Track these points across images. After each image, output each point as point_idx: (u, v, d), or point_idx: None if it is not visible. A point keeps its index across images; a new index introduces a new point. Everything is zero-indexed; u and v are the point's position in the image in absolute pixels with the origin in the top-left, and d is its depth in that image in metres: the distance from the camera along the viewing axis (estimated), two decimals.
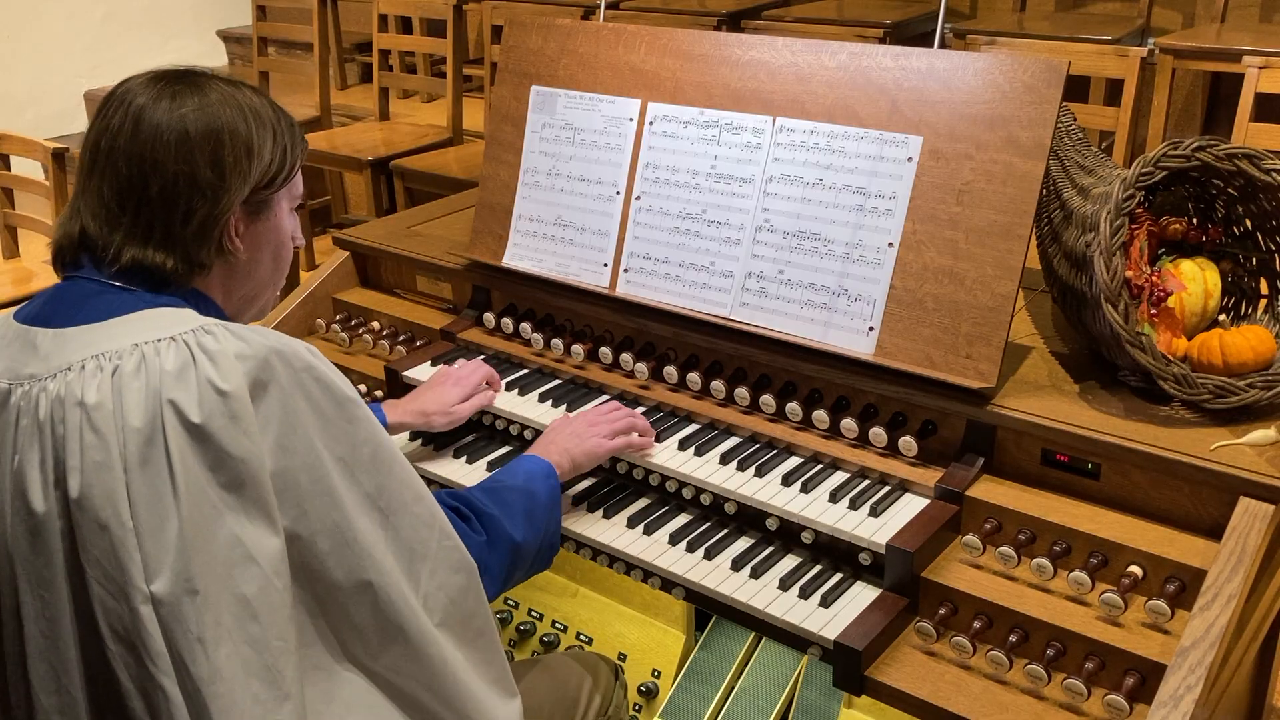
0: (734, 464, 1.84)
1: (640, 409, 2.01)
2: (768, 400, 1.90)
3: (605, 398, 2.05)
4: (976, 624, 1.57)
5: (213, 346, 1.21)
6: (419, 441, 2.08)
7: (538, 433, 2.02)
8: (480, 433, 2.13)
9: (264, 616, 1.19)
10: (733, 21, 4.37)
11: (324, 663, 1.27)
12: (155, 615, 1.16)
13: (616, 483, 1.95)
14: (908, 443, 1.76)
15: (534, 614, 2.46)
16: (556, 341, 2.15)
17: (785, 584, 1.69)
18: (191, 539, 1.16)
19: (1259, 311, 1.80)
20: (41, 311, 1.31)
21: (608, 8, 4.53)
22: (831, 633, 1.58)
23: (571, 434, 1.81)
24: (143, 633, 1.17)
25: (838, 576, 1.70)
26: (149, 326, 1.25)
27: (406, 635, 1.30)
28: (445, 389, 2.00)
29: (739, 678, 2.25)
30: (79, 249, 1.33)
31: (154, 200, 1.30)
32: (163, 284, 1.33)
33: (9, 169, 3.86)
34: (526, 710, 1.47)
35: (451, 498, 1.55)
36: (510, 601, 2.51)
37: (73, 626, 1.22)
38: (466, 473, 2.00)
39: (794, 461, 1.85)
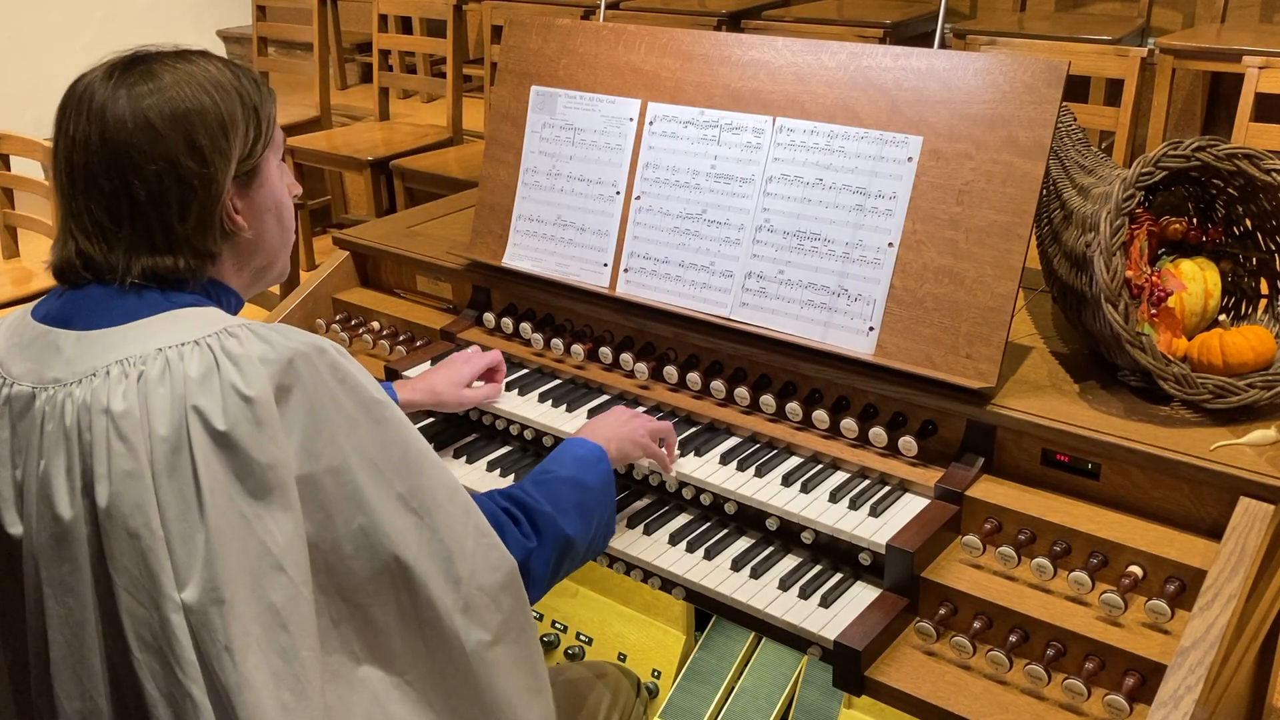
0: (734, 464, 1.84)
1: (640, 409, 2.01)
2: (768, 400, 1.90)
3: (605, 398, 2.05)
4: (976, 624, 1.57)
5: (236, 350, 1.19)
6: None
7: (538, 433, 2.03)
8: (480, 433, 2.13)
9: (293, 625, 1.18)
10: (733, 21, 4.37)
11: (344, 671, 1.25)
12: (185, 623, 1.15)
13: (617, 484, 1.95)
14: (908, 443, 1.76)
15: (534, 614, 2.46)
16: (556, 341, 2.15)
17: (785, 584, 1.69)
18: (218, 548, 1.15)
19: (1259, 311, 1.80)
20: (62, 311, 1.28)
21: (608, 8, 4.53)
22: (831, 633, 1.58)
23: (616, 421, 1.76)
24: (173, 641, 1.15)
25: (838, 576, 1.70)
26: (172, 330, 1.22)
27: (433, 635, 1.28)
28: (456, 367, 2.01)
29: (739, 678, 2.25)
30: (82, 271, 1.29)
31: (144, 206, 1.25)
32: (179, 283, 1.29)
33: (9, 169, 3.86)
34: None
35: (502, 497, 1.50)
36: None
37: (98, 633, 1.21)
38: (466, 472, 2.00)
39: (794, 461, 1.85)
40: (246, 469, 1.16)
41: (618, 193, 2.12)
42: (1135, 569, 1.55)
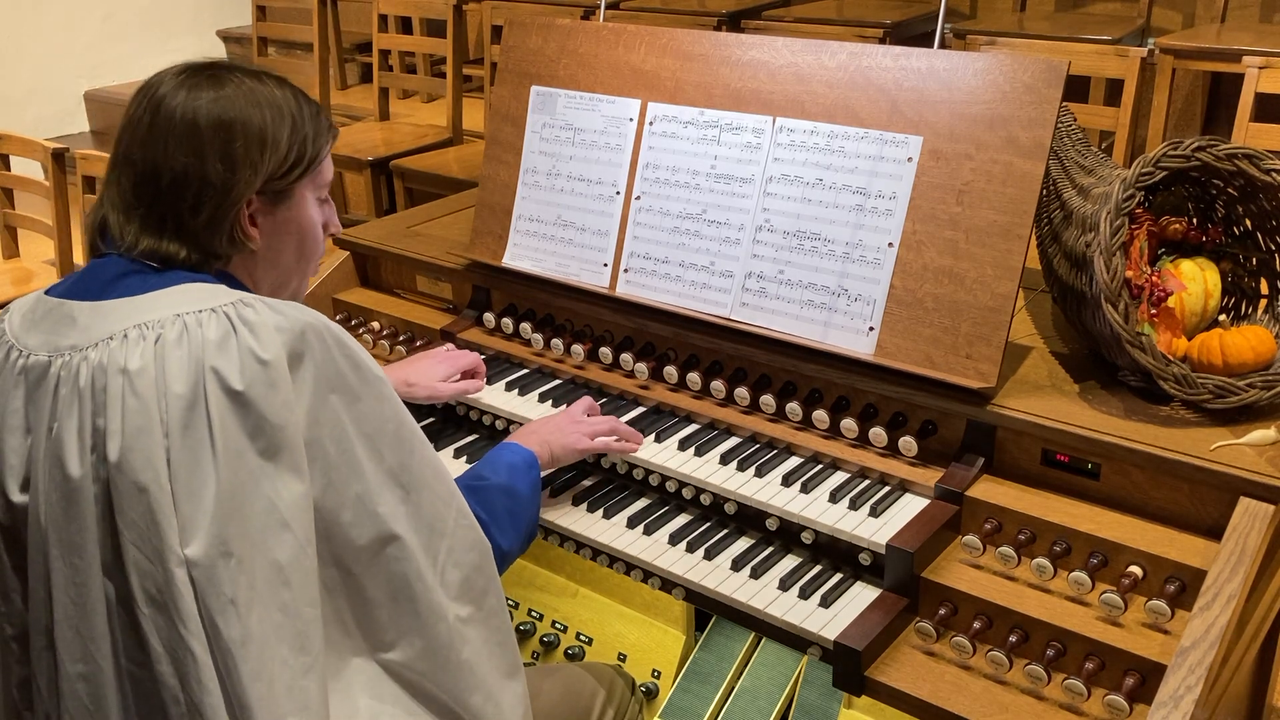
0: (734, 464, 1.84)
1: (640, 409, 2.01)
2: (768, 400, 1.90)
3: (605, 398, 2.05)
4: (976, 624, 1.57)
5: (252, 318, 1.24)
6: None
7: None
8: (480, 432, 2.13)
9: (295, 583, 1.22)
10: (733, 21, 4.37)
11: (334, 638, 1.29)
12: (189, 578, 1.18)
13: (616, 483, 1.95)
14: (908, 443, 1.76)
15: (534, 614, 2.46)
16: (556, 341, 2.15)
17: (785, 584, 1.69)
18: (228, 503, 1.19)
19: (1259, 311, 1.80)
20: (75, 287, 1.34)
21: (608, 8, 4.53)
22: (831, 633, 1.58)
23: (554, 428, 1.82)
24: (176, 595, 1.18)
25: (838, 576, 1.70)
26: (188, 299, 1.27)
27: (418, 609, 1.32)
28: (432, 363, 2.04)
29: (739, 678, 2.25)
30: (103, 237, 1.36)
31: (164, 191, 1.32)
32: (188, 269, 1.34)
33: (9, 169, 3.86)
34: (537, 717, 1.48)
35: None
36: (510, 602, 2.51)
37: (102, 593, 1.23)
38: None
39: (794, 461, 1.85)
40: (259, 428, 1.20)
41: (618, 193, 2.12)
42: (1135, 569, 1.55)
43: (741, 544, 1.80)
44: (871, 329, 1.83)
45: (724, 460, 1.85)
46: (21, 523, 1.29)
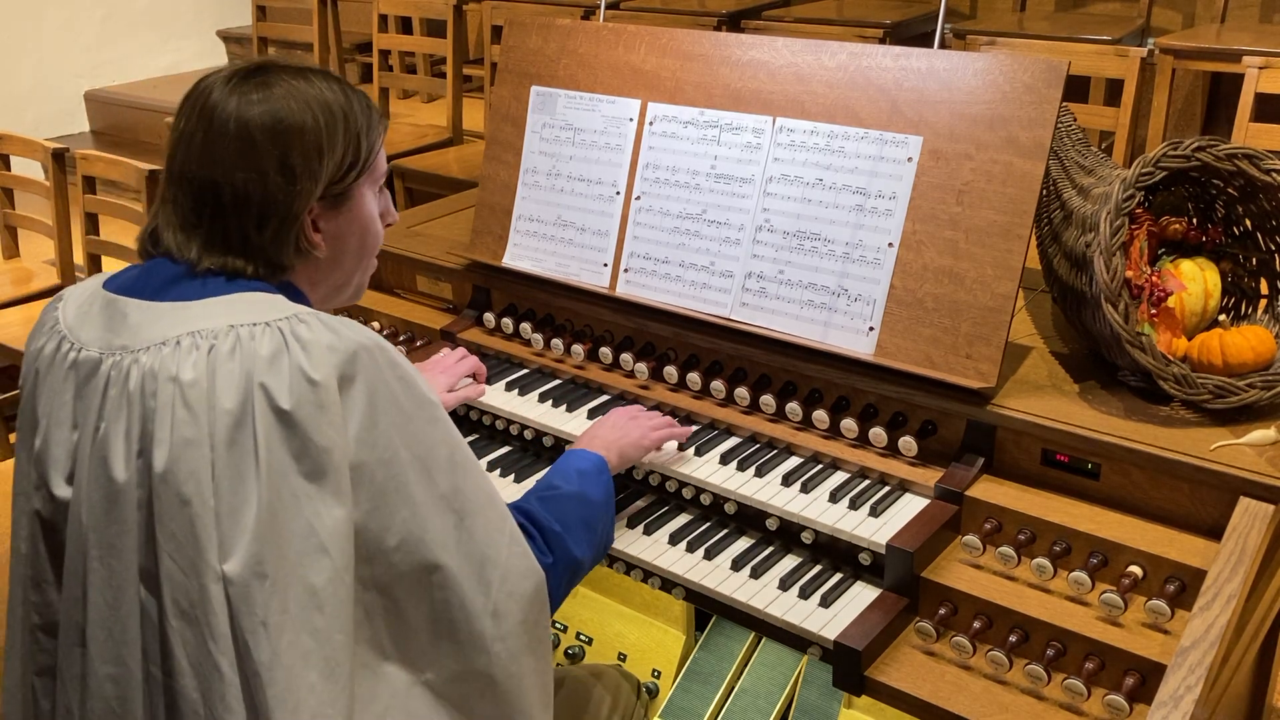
0: (734, 464, 1.84)
1: (639, 407, 2.01)
2: (768, 400, 1.90)
3: (605, 398, 2.06)
4: (976, 624, 1.57)
5: (306, 335, 1.22)
6: None
7: (538, 433, 2.03)
8: (480, 433, 2.13)
9: (329, 609, 1.20)
10: (733, 21, 4.36)
11: (370, 662, 1.27)
12: (224, 595, 1.17)
13: (616, 483, 1.95)
14: (908, 443, 1.76)
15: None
16: (556, 341, 2.15)
17: (785, 584, 1.69)
18: (268, 523, 1.17)
19: (1259, 311, 1.80)
20: (133, 283, 1.32)
21: (608, 8, 4.53)
22: (831, 633, 1.58)
23: (616, 428, 1.77)
24: (208, 611, 1.18)
25: (838, 576, 1.70)
26: (244, 309, 1.25)
27: (459, 638, 1.29)
28: (433, 375, 2.02)
29: (739, 678, 2.25)
30: (155, 247, 1.34)
31: (226, 208, 1.28)
32: (249, 280, 1.32)
33: (9, 169, 3.86)
34: None
35: (515, 511, 1.48)
36: None
37: (137, 598, 1.23)
38: None
39: (794, 461, 1.85)
40: (304, 450, 1.19)
41: (618, 193, 2.12)
42: (1135, 569, 1.55)
43: (741, 544, 1.80)
44: (871, 329, 1.83)
45: (724, 460, 1.85)
46: (62, 517, 1.28)
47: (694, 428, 1.95)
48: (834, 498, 1.75)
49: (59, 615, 1.31)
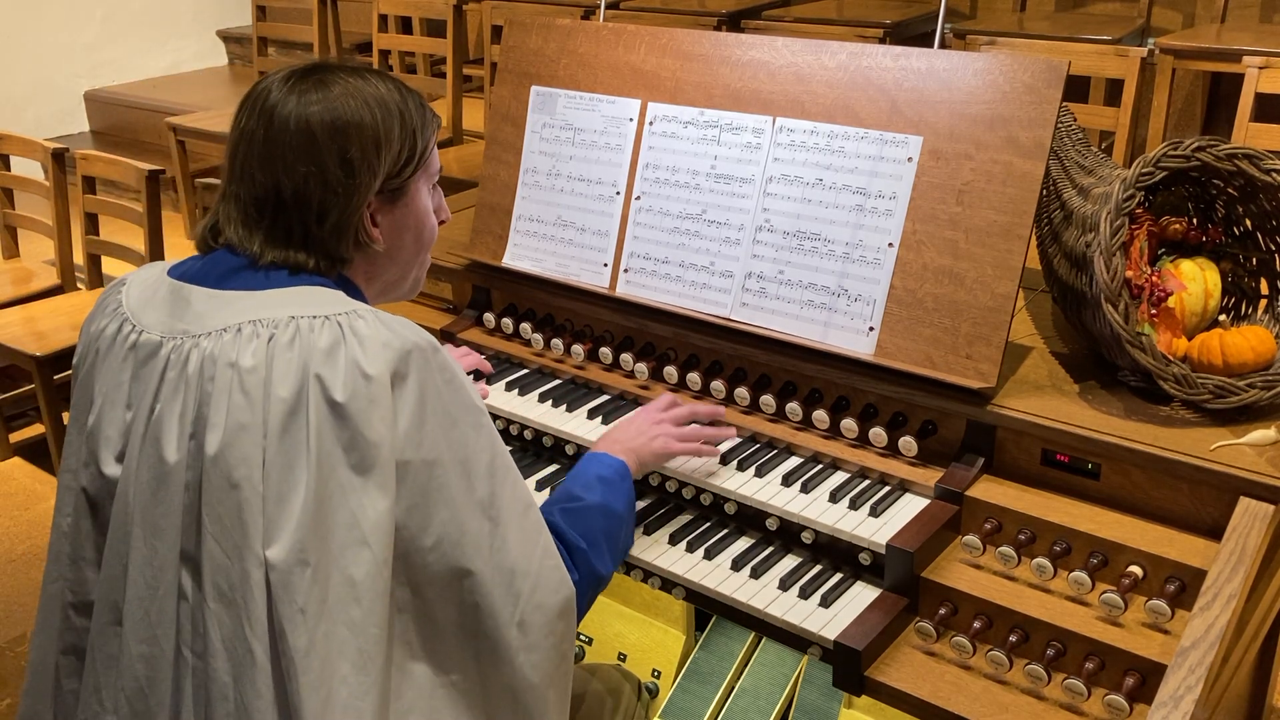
0: (734, 464, 1.84)
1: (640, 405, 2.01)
2: (768, 400, 1.90)
3: (605, 398, 2.06)
4: (976, 624, 1.58)
5: (363, 330, 1.24)
6: None
7: (538, 433, 2.03)
8: None
9: (366, 602, 1.21)
10: (733, 21, 4.37)
11: (398, 659, 1.28)
12: (265, 580, 1.19)
13: None
14: (908, 443, 1.76)
15: None
16: (556, 341, 2.15)
17: (785, 584, 1.69)
18: (314, 512, 1.19)
19: (1259, 311, 1.80)
20: (198, 271, 1.34)
21: (608, 8, 4.53)
22: (831, 633, 1.58)
23: (638, 433, 1.74)
24: (248, 595, 1.19)
25: (838, 576, 1.70)
26: (305, 302, 1.27)
27: (483, 644, 1.30)
28: None
29: (739, 678, 2.25)
30: (212, 242, 1.37)
31: (288, 204, 1.31)
32: (315, 274, 1.35)
33: (9, 169, 3.86)
34: None
35: None
36: None
37: (176, 579, 1.24)
38: None
39: (794, 461, 1.85)
40: (354, 442, 1.21)
41: (618, 193, 2.12)
42: (1135, 569, 1.55)
43: (741, 544, 1.80)
44: (871, 329, 1.83)
45: (724, 460, 1.85)
46: (108, 495, 1.30)
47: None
48: (834, 498, 1.75)
49: (93, 593, 1.33)
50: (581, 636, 2.40)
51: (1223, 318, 1.83)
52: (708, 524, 1.85)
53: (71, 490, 1.36)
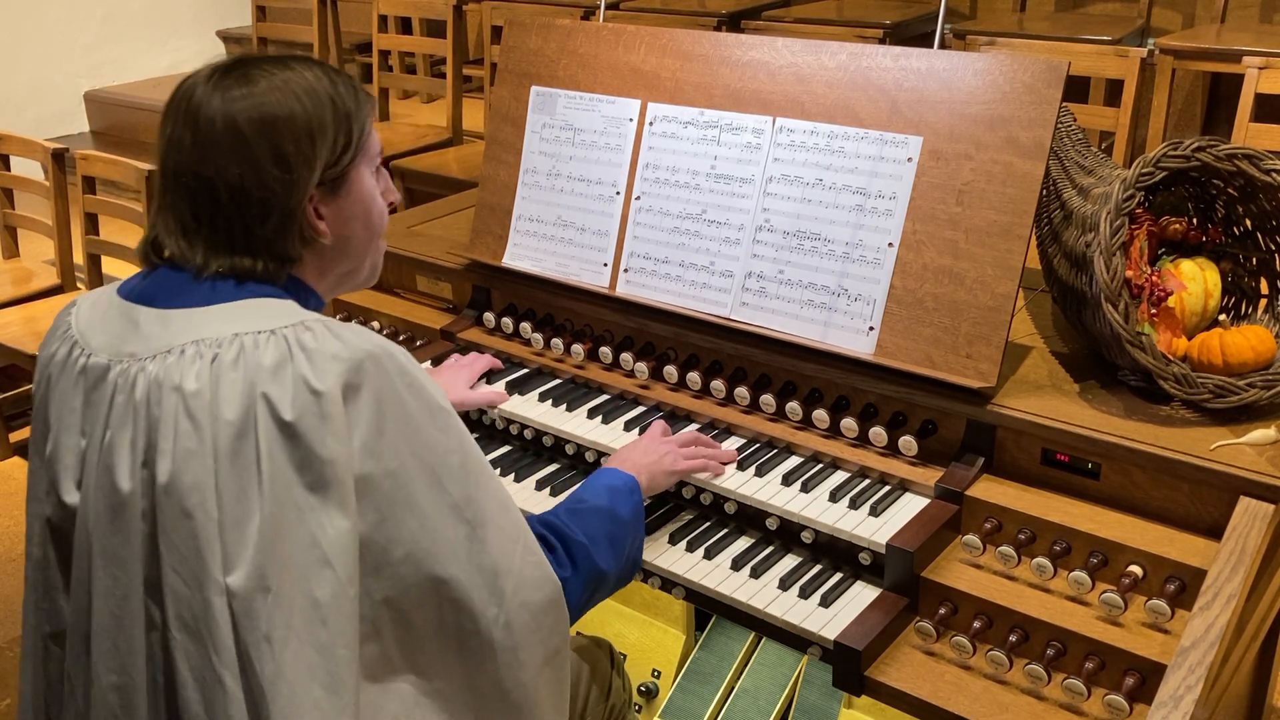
0: (734, 463, 1.83)
1: (640, 409, 2.01)
2: (768, 400, 1.90)
3: (605, 397, 2.06)
4: (976, 624, 1.57)
5: (311, 344, 1.20)
6: None
7: (538, 433, 2.03)
8: (480, 432, 2.13)
9: (333, 623, 1.19)
10: (733, 22, 4.37)
11: (378, 673, 1.26)
12: (228, 608, 1.17)
13: None
14: (908, 442, 1.76)
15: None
16: (556, 341, 2.15)
17: (785, 584, 1.69)
18: (271, 536, 1.17)
19: (1259, 311, 1.80)
20: (145, 290, 1.30)
21: (608, 8, 4.53)
22: (831, 633, 1.58)
23: (645, 451, 1.75)
24: (212, 624, 1.17)
25: (838, 576, 1.70)
26: (250, 317, 1.24)
27: (470, 647, 1.28)
28: (454, 373, 2.05)
29: (739, 678, 2.25)
30: (155, 258, 1.32)
31: (225, 208, 1.26)
32: (260, 280, 1.30)
33: (9, 169, 3.86)
34: None
35: (539, 524, 1.48)
36: None
37: (142, 609, 1.22)
38: None
39: (794, 461, 1.85)
40: (307, 462, 1.18)
41: (618, 193, 2.12)
42: (1135, 569, 1.55)
43: (741, 543, 1.80)
44: (871, 329, 1.83)
45: None
46: (71, 524, 1.27)
47: (693, 426, 1.95)
48: (834, 497, 1.75)
49: (66, 623, 1.31)
50: (581, 636, 2.40)
51: (1223, 317, 1.83)
52: (708, 523, 1.85)
53: (39, 519, 1.33)
